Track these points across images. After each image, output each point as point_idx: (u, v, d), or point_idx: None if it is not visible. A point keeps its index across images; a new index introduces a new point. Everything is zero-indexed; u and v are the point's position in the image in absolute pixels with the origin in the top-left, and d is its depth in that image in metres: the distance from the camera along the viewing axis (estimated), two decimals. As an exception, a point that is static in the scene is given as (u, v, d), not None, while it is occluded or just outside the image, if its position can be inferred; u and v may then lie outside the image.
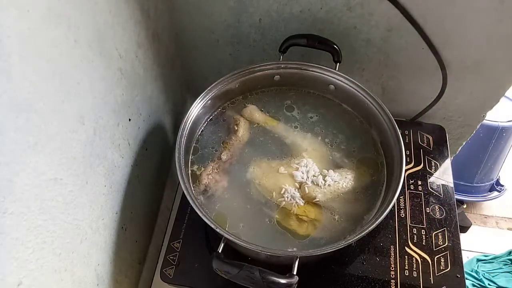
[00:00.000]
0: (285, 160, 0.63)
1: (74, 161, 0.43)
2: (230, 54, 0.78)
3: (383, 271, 0.59)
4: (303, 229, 0.57)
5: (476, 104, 0.74)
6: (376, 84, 0.76)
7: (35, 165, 0.36)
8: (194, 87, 0.89)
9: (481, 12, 0.58)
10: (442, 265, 0.59)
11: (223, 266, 0.46)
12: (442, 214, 0.64)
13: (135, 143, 0.61)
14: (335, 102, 0.69)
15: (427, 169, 0.69)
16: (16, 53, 0.32)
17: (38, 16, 0.35)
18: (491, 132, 1.37)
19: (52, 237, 0.40)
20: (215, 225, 0.49)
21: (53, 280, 0.41)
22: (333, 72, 0.65)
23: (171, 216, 0.76)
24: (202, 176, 0.60)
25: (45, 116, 0.37)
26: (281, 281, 0.45)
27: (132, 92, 0.58)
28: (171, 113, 0.79)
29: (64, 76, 0.40)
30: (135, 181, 0.62)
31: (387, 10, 0.61)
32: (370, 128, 0.66)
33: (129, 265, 0.64)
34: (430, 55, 0.65)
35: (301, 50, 0.66)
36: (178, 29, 0.74)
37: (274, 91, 0.71)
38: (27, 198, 0.35)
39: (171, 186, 0.83)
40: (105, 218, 0.53)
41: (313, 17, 0.67)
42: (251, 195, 0.60)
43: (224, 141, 0.65)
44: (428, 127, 0.75)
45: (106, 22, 0.48)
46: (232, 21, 0.71)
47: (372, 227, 0.49)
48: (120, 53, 0.53)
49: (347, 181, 0.60)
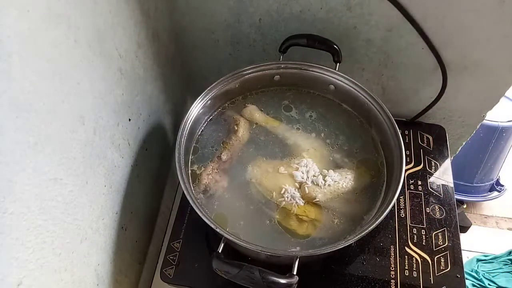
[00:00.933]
0: (285, 160, 0.63)
1: (74, 161, 0.43)
2: (230, 54, 0.78)
3: (383, 271, 0.59)
4: (303, 229, 0.57)
5: (476, 104, 0.74)
6: (376, 84, 0.76)
7: (35, 165, 0.36)
8: (194, 87, 0.89)
9: (481, 12, 0.58)
10: (442, 265, 0.59)
11: (223, 266, 0.46)
12: (442, 214, 0.64)
13: (135, 143, 0.61)
14: (335, 102, 0.69)
15: (427, 169, 0.69)
16: (16, 53, 0.32)
17: (38, 16, 0.35)
18: (491, 132, 1.37)
19: (52, 237, 0.40)
20: (215, 225, 0.49)
21: (53, 280, 0.41)
22: (333, 72, 0.65)
23: (171, 216, 0.77)
24: (202, 176, 0.60)
25: (45, 116, 0.37)
26: (281, 281, 0.45)
27: (132, 92, 0.58)
28: (171, 113, 0.79)
29: (64, 76, 0.40)
30: (135, 181, 0.62)
31: (387, 10, 0.61)
32: (370, 128, 0.66)
33: (129, 265, 0.64)
34: (430, 55, 0.65)
35: (301, 50, 0.66)
36: (178, 29, 0.74)
37: (274, 91, 0.71)
38: (27, 198, 0.35)
39: (171, 186, 0.83)
40: (105, 218, 0.53)
41: (313, 17, 0.67)
42: (251, 195, 0.60)
43: (224, 141, 0.65)
44: (428, 127, 0.75)
45: (106, 22, 0.48)
46: (232, 21, 0.71)
47: (372, 227, 0.49)
48: (120, 53, 0.53)
49: (347, 181, 0.60)
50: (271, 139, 0.66)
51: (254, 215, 0.58)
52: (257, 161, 0.63)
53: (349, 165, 0.63)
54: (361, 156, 0.64)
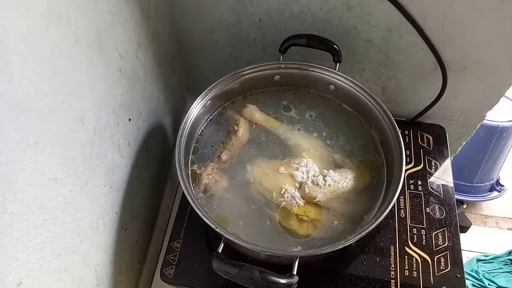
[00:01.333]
0: (285, 160, 0.63)
1: (74, 161, 0.43)
2: (230, 54, 0.78)
3: (383, 271, 0.59)
4: (303, 229, 0.57)
5: (476, 104, 0.74)
6: (376, 84, 0.76)
7: (35, 165, 0.36)
8: (194, 87, 0.89)
9: (481, 12, 0.58)
10: (442, 265, 0.59)
11: (223, 266, 0.46)
12: (442, 214, 0.64)
13: (135, 143, 0.61)
14: (335, 102, 0.69)
15: (427, 169, 0.69)
16: (16, 53, 0.32)
17: (38, 16, 0.35)
18: (491, 132, 1.37)
19: (52, 237, 0.40)
20: (215, 225, 0.49)
21: (53, 280, 0.41)
22: (333, 72, 0.65)
23: (171, 216, 0.77)
24: (202, 176, 0.60)
25: (45, 116, 0.37)
26: (281, 281, 0.45)
27: (132, 92, 0.58)
28: (171, 113, 0.79)
29: (64, 76, 0.40)
30: (135, 181, 0.62)
31: (387, 10, 0.61)
32: (370, 128, 0.66)
33: (129, 265, 0.64)
34: (430, 55, 0.65)
35: (301, 50, 0.66)
36: (178, 29, 0.74)
37: (274, 91, 0.71)
38: (27, 198, 0.35)
39: (171, 186, 0.83)
40: (105, 218, 0.53)
41: (313, 17, 0.67)
42: (251, 195, 0.60)
43: (224, 141, 0.65)
44: (428, 127, 0.75)
45: (106, 22, 0.48)
46: (232, 21, 0.71)
47: (372, 227, 0.49)
48: (120, 53, 0.53)
49: (347, 181, 0.60)
50: (271, 139, 0.66)
51: (254, 215, 0.58)
52: (257, 161, 0.63)
53: (349, 165, 0.63)
54: (361, 156, 0.64)
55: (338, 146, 0.65)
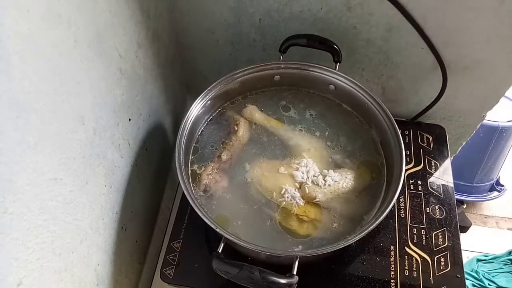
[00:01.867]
0: (285, 160, 0.63)
1: (74, 161, 0.43)
2: (230, 54, 0.78)
3: (383, 271, 0.59)
4: (303, 229, 0.57)
5: (476, 104, 0.74)
6: (376, 84, 0.76)
7: (35, 165, 0.36)
8: (194, 87, 0.89)
9: (481, 12, 0.58)
10: (442, 265, 0.59)
11: (223, 266, 0.46)
12: (442, 214, 0.64)
13: (135, 143, 0.61)
14: (335, 102, 0.69)
15: (427, 169, 0.69)
16: (16, 53, 0.32)
17: (38, 16, 0.35)
18: (491, 132, 1.37)
19: (52, 237, 0.40)
20: (215, 225, 0.49)
21: (53, 280, 0.41)
22: (333, 72, 0.65)
23: (171, 216, 0.77)
24: (202, 176, 0.60)
25: (45, 116, 0.37)
26: (281, 281, 0.45)
27: (132, 92, 0.58)
28: (171, 113, 0.79)
29: (64, 76, 0.40)
30: (135, 181, 0.62)
31: (387, 10, 0.61)
32: (370, 128, 0.66)
33: (129, 265, 0.64)
34: (430, 55, 0.65)
35: (301, 50, 0.66)
36: (178, 29, 0.74)
37: (274, 91, 0.71)
38: (27, 198, 0.35)
39: (171, 186, 0.83)
40: (105, 218, 0.53)
41: (313, 17, 0.67)
42: (251, 195, 0.60)
43: (224, 141, 0.65)
44: (428, 127, 0.75)
45: (106, 22, 0.48)
46: (232, 21, 0.71)
47: (372, 227, 0.49)
48: (120, 53, 0.53)
49: (347, 181, 0.60)
50: (271, 139, 0.66)
51: (254, 215, 0.58)
52: (257, 161, 0.63)
53: (349, 165, 0.63)
54: (361, 156, 0.64)
55: (338, 146, 0.65)
